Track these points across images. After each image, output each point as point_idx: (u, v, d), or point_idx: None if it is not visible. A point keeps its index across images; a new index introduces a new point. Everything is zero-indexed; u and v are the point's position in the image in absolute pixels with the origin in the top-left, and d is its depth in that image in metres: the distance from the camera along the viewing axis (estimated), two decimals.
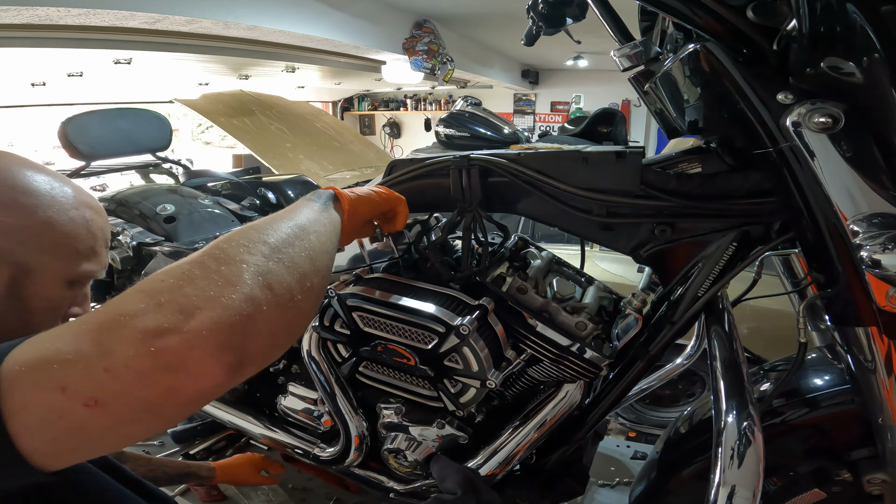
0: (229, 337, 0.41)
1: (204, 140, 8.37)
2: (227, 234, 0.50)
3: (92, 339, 0.38)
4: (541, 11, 1.18)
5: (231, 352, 0.41)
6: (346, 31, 3.72)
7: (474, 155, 0.89)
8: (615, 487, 1.54)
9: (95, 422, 0.38)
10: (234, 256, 0.46)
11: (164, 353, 0.38)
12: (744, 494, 0.62)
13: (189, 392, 0.39)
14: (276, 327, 0.46)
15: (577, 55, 6.36)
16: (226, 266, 0.45)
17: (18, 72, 3.76)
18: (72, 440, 0.38)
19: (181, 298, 0.41)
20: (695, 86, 0.77)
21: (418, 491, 1.03)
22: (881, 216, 0.59)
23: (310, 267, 0.52)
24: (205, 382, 0.40)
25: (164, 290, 0.41)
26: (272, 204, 1.93)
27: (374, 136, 9.02)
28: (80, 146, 1.82)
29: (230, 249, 0.47)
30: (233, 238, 0.49)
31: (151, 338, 0.38)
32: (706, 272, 0.81)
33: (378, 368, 0.98)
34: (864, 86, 0.57)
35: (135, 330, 0.38)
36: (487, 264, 0.93)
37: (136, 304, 0.40)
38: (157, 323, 0.39)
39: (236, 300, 0.42)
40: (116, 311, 0.40)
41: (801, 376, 0.89)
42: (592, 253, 2.70)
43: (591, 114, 3.00)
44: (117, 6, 2.35)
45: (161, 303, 0.40)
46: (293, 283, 0.49)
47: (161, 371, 0.38)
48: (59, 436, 0.38)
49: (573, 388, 0.92)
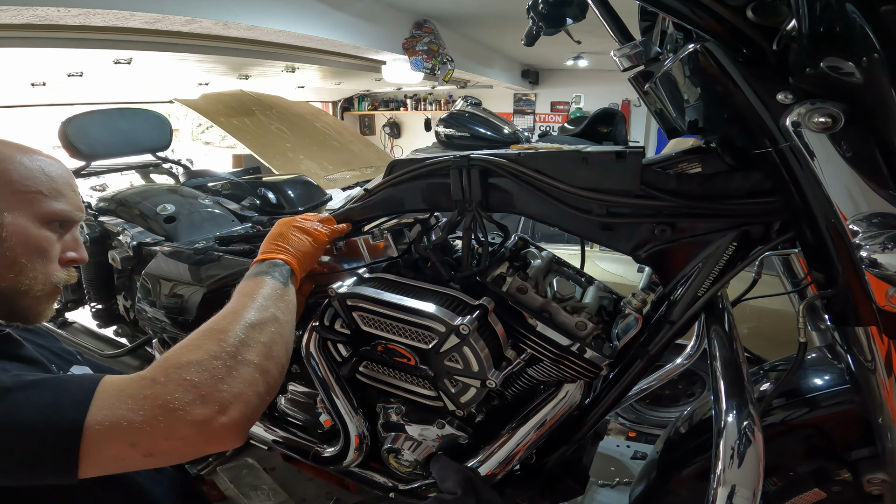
0: (249, 422, 0.63)
1: (204, 140, 8.36)
2: (230, 324, 0.68)
3: (156, 416, 0.56)
4: (541, 11, 1.18)
5: (247, 428, 0.64)
6: (346, 31, 3.73)
7: (474, 155, 0.89)
8: (615, 487, 1.54)
9: (141, 464, 0.58)
10: (244, 357, 0.65)
11: (212, 435, 0.59)
12: (744, 494, 0.62)
13: (215, 450, 0.63)
14: (266, 404, 0.68)
15: (577, 55, 6.36)
16: (242, 368, 0.64)
17: (18, 72, 3.77)
18: (122, 471, 0.61)
19: (217, 395, 0.60)
20: (695, 86, 0.77)
21: (418, 491, 1.03)
22: (881, 216, 0.59)
23: (285, 355, 0.73)
24: (230, 447, 0.63)
25: (204, 385, 0.60)
26: (272, 204, 1.93)
27: (374, 136, 9.02)
28: (80, 146, 1.82)
29: (240, 349, 0.65)
30: (240, 336, 0.67)
31: (200, 425, 0.58)
32: (706, 272, 0.81)
33: (378, 368, 0.98)
34: (863, 86, 0.57)
35: (191, 416, 0.58)
36: (487, 264, 0.93)
37: (186, 395, 0.58)
38: (203, 416, 0.58)
39: (252, 398, 0.63)
40: (171, 396, 0.58)
41: (801, 376, 0.89)
42: (592, 253, 2.70)
43: (591, 114, 3.00)
44: (117, 6, 2.35)
45: (205, 396, 0.59)
46: (278, 377, 0.69)
47: (204, 443, 0.59)
48: (115, 470, 0.59)
49: (573, 388, 0.92)
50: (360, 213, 1.03)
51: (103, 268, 1.68)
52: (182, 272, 1.32)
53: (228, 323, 0.68)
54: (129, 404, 0.57)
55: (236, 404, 0.61)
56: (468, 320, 0.83)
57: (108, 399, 0.57)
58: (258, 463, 1.58)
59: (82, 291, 1.78)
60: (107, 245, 1.66)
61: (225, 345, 0.64)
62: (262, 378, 0.65)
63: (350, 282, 0.96)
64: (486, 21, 4.75)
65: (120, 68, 3.71)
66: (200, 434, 0.58)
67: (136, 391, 0.58)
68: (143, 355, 1.75)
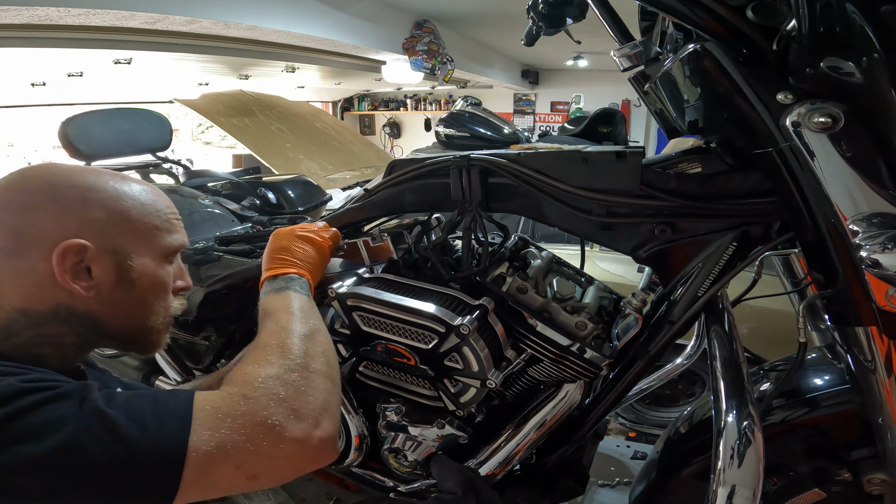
0: (338, 433, 0.62)
1: (204, 140, 8.36)
2: (286, 339, 0.67)
3: (258, 435, 0.54)
4: (541, 11, 1.18)
5: (338, 440, 0.63)
6: (346, 31, 3.72)
7: (474, 155, 0.89)
8: (615, 487, 1.54)
9: (248, 487, 0.56)
10: (314, 367, 0.64)
11: (309, 450, 0.57)
12: (744, 494, 0.62)
13: (316, 468, 0.60)
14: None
15: (577, 55, 6.36)
16: (317, 378, 0.63)
17: (18, 72, 3.77)
18: (220, 495, 0.56)
19: (307, 409, 0.59)
20: (695, 86, 0.77)
21: (418, 491, 1.03)
22: (881, 216, 0.59)
23: (338, 362, 0.71)
24: (327, 462, 0.60)
25: (292, 399, 0.58)
26: (272, 204, 1.93)
27: (374, 136, 9.01)
28: (80, 146, 1.82)
29: (310, 362, 0.64)
30: (309, 351, 0.66)
31: (301, 442, 0.56)
32: (706, 272, 0.81)
33: (378, 368, 0.98)
34: (863, 86, 0.57)
35: (288, 433, 0.56)
36: (487, 264, 0.93)
37: (280, 412, 0.56)
38: (302, 432, 0.57)
39: (335, 408, 0.63)
40: (267, 412, 0.56)
41: (801, 376, 0.89)
42: (592, 253, 2.70)
43: (591, 114, 3.00)
44: (117, 6, 2.35)
45: (296, 410, 0.58)
46: (340, 384, 0.68)
47: (306, 461, 0.58)
48: (214, 495, 0.55)
49: (573, 388, 0.92)
50: (358, 214, 1.03)
51: None
52: None
53: (284, 338, 0.66)
54: (229, 423, 0.53)
55: (326, 416, 0.60)
56: (468, 320, 0.83)
57: (208, 418, 0.53)
58: None
59: None
60: None
61: (293, 358, 0.63)
62: (334, 387, 0.65)
63: (350, 282, 0.96)
64: (486, 21, 4.75)
65: (120, 68, 3.71)
66: (303, 451, 0.56)
67: (232, 409, 0.55)
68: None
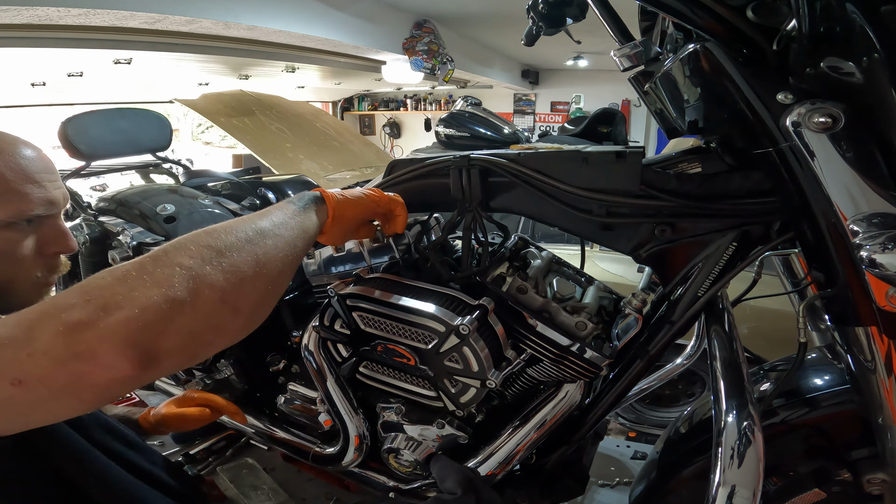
0: (138, 334, 0.45)
1: (204, 140, 8.36)
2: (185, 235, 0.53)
3: (25, 327, 0.44)
4: (541, 11, 1.18)
5: (138, 348, 0.45)
6: (346, 31, 3.72)
7: (474, 155, 0.89)
8: (615, 487, 1.54)
9: (19, 398, 0.43)
10: (172, 259, 0.50)
11: (78, 344, 0.43)
12: (744, 494, 0.62)
13: (99, 379, 0.44)
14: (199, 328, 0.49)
15: (577, 55, 6.36)
16: (160, 268, 0.49)
17: (18, 72, 3.76)
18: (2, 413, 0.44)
19: (108, 296, 0.45)
20: (695, 86, 0.77)
21: (418, 491, 1.03)
22: (881, 216, 0.59)
23: (253, 271, 0.54)
24: (113, 373, 0.44)
25: (97, 288, 0.46)
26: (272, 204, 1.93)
27: (374, 136, 9.02)
28: (80, 146, 1.82)
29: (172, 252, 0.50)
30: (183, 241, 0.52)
31: (71, 331, 0.43)
32: (706, 272, 0.81)
33: (378, 368, 0.98)
34: (863, 86, 0.57)
35: (59, 322, 0.44)
36: (487, 264, 0.93)
37: (70, 300, 0.45)
38: (79, 317, 0.44)
39: (157, 301, 0.46)
40: (53, 305, 0.45)
41: (801, 376, 0.89)
42: (592, 253, 2.70)
43: (591, 114, 3.00)
44: (117, 6, 2.35)
45: (89, 299, 0.45)
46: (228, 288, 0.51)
47: (73, 359, 0.43)
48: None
49: (573, 388, 0.92)
50: None
51: (103, 268, 1.68)
52: None
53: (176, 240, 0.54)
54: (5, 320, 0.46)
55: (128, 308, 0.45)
56: (468, 320, 0.83)
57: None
58: (258, 463, 1.58)
59: None
60: (107, 245, 1.66)
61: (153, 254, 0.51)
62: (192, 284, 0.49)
63: (350, 282, 0.96)
64: (486, 21, 4.75)
65: (120, 68, 3.71)
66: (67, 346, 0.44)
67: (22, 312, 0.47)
68: None
